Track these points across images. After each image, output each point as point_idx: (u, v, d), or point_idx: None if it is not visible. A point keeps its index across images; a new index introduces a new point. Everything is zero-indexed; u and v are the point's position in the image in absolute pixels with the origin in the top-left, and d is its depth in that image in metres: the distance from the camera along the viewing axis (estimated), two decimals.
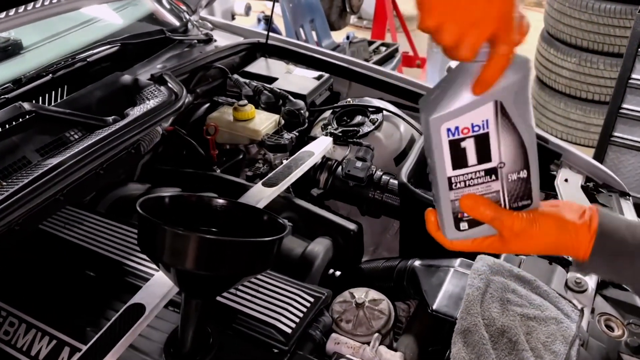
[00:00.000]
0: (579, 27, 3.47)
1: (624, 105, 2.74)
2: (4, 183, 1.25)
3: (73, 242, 1.27)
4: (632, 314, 1.19)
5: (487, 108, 0.64)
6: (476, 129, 0.65)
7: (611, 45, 3.41)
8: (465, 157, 0.67)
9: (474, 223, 0.71)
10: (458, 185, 0.69)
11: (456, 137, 0.66)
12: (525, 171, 0.69)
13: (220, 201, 1.01)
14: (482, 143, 0.66)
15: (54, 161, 1.27)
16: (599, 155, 2.88)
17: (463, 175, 0.68)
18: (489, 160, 0.67)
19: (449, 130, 0.65)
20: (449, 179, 0.69)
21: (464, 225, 0.72)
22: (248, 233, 0.98)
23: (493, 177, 0.68)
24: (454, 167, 0.68)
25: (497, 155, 0.67)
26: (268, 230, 0.97)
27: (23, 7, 1.40)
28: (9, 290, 1.17)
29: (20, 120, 1.38)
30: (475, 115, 0.65)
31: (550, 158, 1.65)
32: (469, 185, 0.69)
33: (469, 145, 0.67)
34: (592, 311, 1.20)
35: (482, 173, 0.68)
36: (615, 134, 2.84)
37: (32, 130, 1.39)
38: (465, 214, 0.70)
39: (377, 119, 1.64)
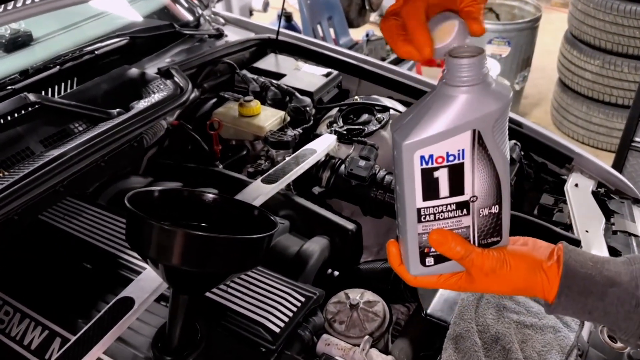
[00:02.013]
0: (603, 28, 3.38)
1: None
2: (6, 173, 1.26)
3: (72, 233, 1.28)
4: None
5: (465, 137, 0.60)
6: (451, 158, 0.61)
7: (636, 48, 3.32)
8: (437, 188, 0.63)
9: (441, 259, 0.66)
10: (427, 218, 0.64)
11: (429, 165, 0.61)
12: (497, 206, 0.65)
13: (211, 196, 1.00)
14: (456, 174, 0.62)
15: (56, 152, 1.27)
16: (619, 161, 2.81)
17: (433, 207, 0.64)
18: (461, 193, 0.64)
19: (422, 158, 0.61)
20: (418, 210, 0.64)
21: (429, 260, 0.67)
22: (239, 229, 0.96)
23: (464, 211, 0.64)
24: (425, 199, 0.63)
25: (471, 188, 0.63)
26: (260, 227, 0.96)
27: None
28: (6, 279, 1.18)
29: (25, 111, 1.39)
30: (451, 144, 0.61)
31: (561, 162, 1.61)
32: (439, 219, 0.64)
33: (442, 176, 0.62)
34: None
35: (454, 206, 0.64)
36: (637, 139, 2.76)
37: (36, 122, 1.41)
38: (432, 249, 0.66)
39: (384, 118, 1.62)
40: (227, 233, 0.89)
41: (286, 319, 1.02)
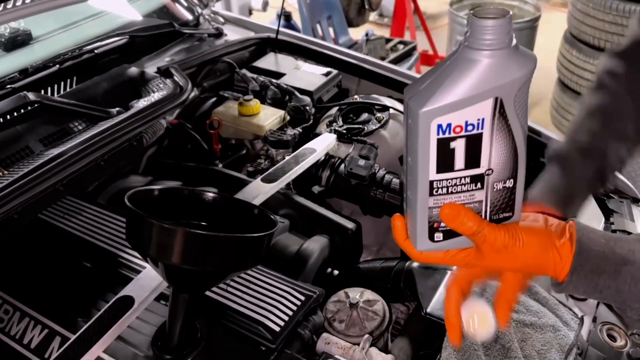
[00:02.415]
0: (602, 28, 3.38)
1: None
2: (6, 172, 1.26)
3: (71, 232, 1.27)
4: None
5: (486, 105, 0.57)
6: (470, 128, 0.57)
7: None
8: (452, 160, 0.59)
9: (449, 234, 0.64)
10: (440, 191, 0.61)
11: (447, 135, 0.57)
12: (512, 180, 0.62)
13: (211, 195, 1.00)
14: (474, 145, 0.58)
15: (55, 151, 1.28)
16: None
17: (447, 180, 0.60)
18: (477, 165, 0.60)
19: (439, 127, 0.57)
20: (431, 183, 0.60)
21: (438, 235, 0.64)
22: (239, 228, 0.96)
23: (478, 185, 0.61)
24: (438, 170, 0.60)
25: (487, 160, 0.60)
26: (259, 226, 0.96)
27: None
28: (6, 278, 1.18)
29: (25, 110, 1.39)
30: (471, 112, 0.57)
31: None
32: (452, 192, 0.61)
33: (459, 147, 0.58)
34: (594, 320, 1.16)
35: (468, 180, 0.61)
36: None
37: (36, 120, 1.41)
38: (442, 224, 0.63)
39: (383, 117, 1.62)
40: (227, 232, 0.89)
41: (286, 318, 1.02)
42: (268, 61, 1.91)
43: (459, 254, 0.65)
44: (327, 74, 1.82)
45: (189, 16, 2.04)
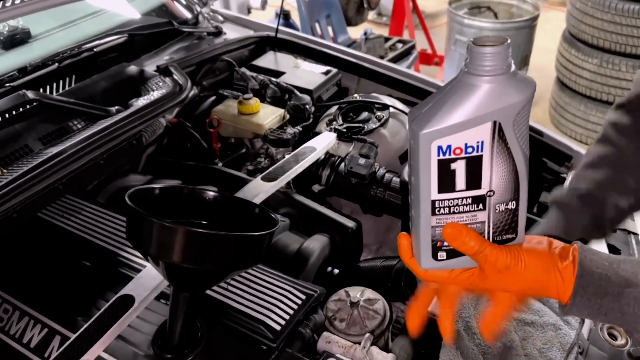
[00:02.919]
0: (601, 27, 3.39)
1: None
2: (5, 170, 1.25)
3: (71, 231, 1.27)
4: None
5: (485, 128, 0.58)
6: (469, 150, 0.59)
7: (634, 47, 3.33)
8: (453, 181, 0.61)
9: (453, 253, 0.65)
10: (441, 210, 0.62)
11: (447, 157, 0.59)
12: (514, 202, 0.63)
13: (212, 194, 1.00)
14: (474, 167, 0.60)
15: (54, 150, 1.27)
16: None
17: (449, 200, 0.62)
18: (478, 187, 0.62)
19: (440, 148, 0.59)
20: (433, 202, 0.62)
21: (442, 255, 0.65)
22: (240, 227, 0.96)
23: (480, 206, 0.63)
24: (440, 191, 0.61)
25: (488, 182, 0.61)
26: (260, 224, 0.96)
27: None
28: (5, 277, 1.18)
29: (24, 108, 1.39)
30: (470, 135, 0.59)
31: (560, 160, 1.61)
32: (454, 212, 0.63)
33: (460, 168, 0.60)
34: None
35: (469, 200, 0.62)
36: None
37: (35, 119, 1.40)
38: (446, 243, 0.64)
39: (383, 116, 1.62)
40: (227, 231, 0.88)
41: (287, 317, 1.02)
42: (267, 60, 1.91)
43: (463, 274, 0.65)
44: (326, 73, 1.81)
45: (187, 15, 2.04)
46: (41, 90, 1.52)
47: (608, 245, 1.31)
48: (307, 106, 1.65)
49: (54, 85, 1.58)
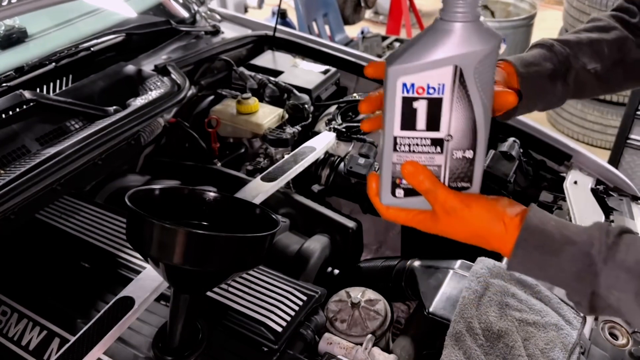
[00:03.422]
0: None
1: None
2: (2, 171, 1.24)
3: (69, 232, 1.26)
4: None
5: (446, 71, 0.62)
6: (431, 91, 0.63)
7: None
8: (414, 119, 0.64)
9: (409, 192, 0.68)
10: (402, 148, 0.66)
11: (410, 94, 0.63)
12: (471, 152, 0.66)
13: (212, 194, 0.99)
14: (434, 108, 0.63)
15: (52, 150, 1.26)
16: (615, 158, 2.82)
17: (409, 138, 0.65)
18: (437, 129, 0.64)
19: (404, 85, 0.63)
20: (395, 138, 0.65)
21: (399, 192, 0.69)
22: (240, 228, 0.96)
23: (438, 149, 0.66)
24: (402, 127, 0.65)
25: (447, 126, 0.64)
26: (261, 225, 0.95)
27: None
28: (3, 279, 1.17)
29: (21, 108, 1.37)
30: (432, 76, 0.62)
31: (560, 159, 1.61)
32: (413, 152, 0.66)
33: (421, 107, 0.63)
34: (596, 318, 1.16)
35: (428, 142, 0.65)
36: (632, 136, 2.77)
37: (32, 119, 1.39)
38: (404, 182, 0.68)
39: None
40: (228, 232, 0.88)
41: (288, 318, 1.01)
42: (266, 59, 1.90)
43: (418, 215, 0.69)
44: (325, 72, 1.81)
45: (185, 14, 2.03)
46: (38, 90, 1.50)
47: None
48: (306, 106, 1.64)
49: (51, 85, 1.57)
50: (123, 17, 1.87)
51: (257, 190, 1.24)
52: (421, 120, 0.63)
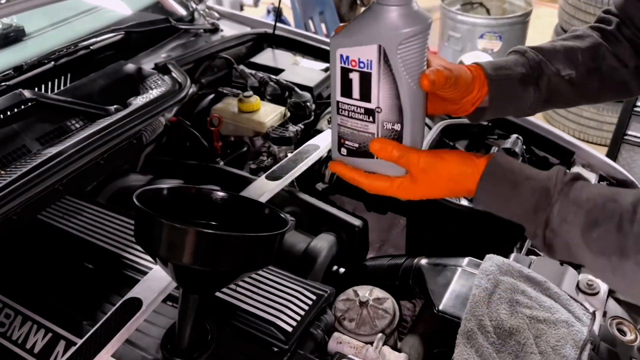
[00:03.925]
0: None
1: (639, 104, 2.67)
2: (3, 172, 1.22)
3: (72, 233, 1.24)
4: None
5: (372, 49, 0.69)
6: (361, 65, 0.70)
7: None
8: (351, 89, 0.72)
9: (352, 152, 0.77)
10: (343, 112, 0.74)
11: (346, 65, 0.71)
12: (399, 125, 0.72)
13: (220, 194, 0.98)
14: (365, 81, 0.70)
15: (54, 150, 1.24)
16: (612, 154, 2.83)
17: (347, 104, 0.73)
18: (369, 100, 0.71)
19: (341, 56, 0.71)
20: (337, 103, 0.74)
21: (344, 150, 0.78)
22: (249, 227, 0.94)
23: (370, 118, 0.73)
24: (342, 94, 0.73)
25: (376, 98, 0.71)
26: (270, 225, 0.94)
27: None
28: (6, 281, 1.15)
29: (21, 107, 1.36)
30: (362, 52, 0.69)
31: (563, 156, 1.61)
32: (351, 117, 0.74)
33: (355, 79, 0.71)
34: (604, 314, 1.16)
35: (362, 110, 0.73)
36: (629, 132, 2.78)
37: (32, 119, 1.37)
38: (347, 142, 0.76)
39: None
40: (237, 231, 0.87)
41: (298, 318, 1.00)
42: (266, 57, 1.89)
43: (397, 180, 0.75)
44: (326, 70, 1.80)
45: (182, 12, 2.01)
46: (37, 89, 1.48)
47: None
48: (308, 104, 1.63)
49: (49, 84, 1.55)
50: (121, 16, 1.85)
51: (263, 189, 1.23)
52: (356, 90, 0.72)
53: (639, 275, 0.61)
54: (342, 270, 1.31)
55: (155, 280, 1.02)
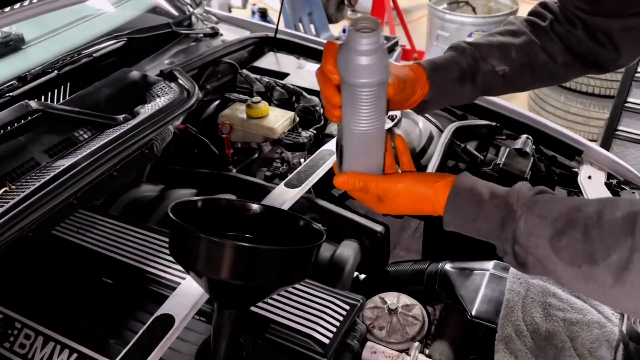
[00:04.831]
0: None
1: (630, 99, 2.72)
2: (13, 186, 1.18)
3: (87, 247, 1.21)
4: None
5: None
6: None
7: None
8: None
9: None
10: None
11: None
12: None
13: (255, 206, 0.96)
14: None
15: (66, 163, 1.20)
16: (604, 149, 2.87)
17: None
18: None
19: None
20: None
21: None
22: (283, 239, 0.93)
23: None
24: None
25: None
26: (304, 236, 0.92)
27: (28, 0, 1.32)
28: (23, 300, 1.11)
29: (26, 119, 1.31)
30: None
31: (571, 154, 1.62)
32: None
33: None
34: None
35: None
36: (620, 127, 2.82)
37: (39, 130, 1.33)
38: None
39: (396, 116, 1.59)
40: (272, 244, 0.85)
41: (334, 329, 0.99)
42: (269, 61, 1.86)
43: (368, 199, 0.81)
44: None
45: (179, 16, 1.97)
46: (42, 99, 1.44)
47: None
48: (317, 108, 1.61)
49: (53, 93, 1.51)
50: (120, 22, 1.81)
51: (283, 197, 1.21)
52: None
53: (609, 281, 0.60)
54: (362, 276, 1.29)
55: (186, 295, 0.99)
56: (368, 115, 0.73)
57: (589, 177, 1.54)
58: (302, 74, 1.78)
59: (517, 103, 4.20)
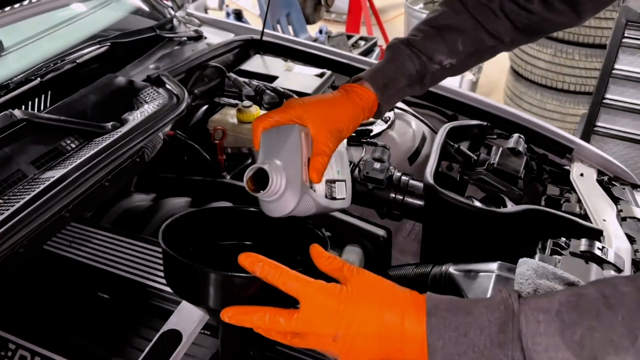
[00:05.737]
0: None
1: (607, 96, 2.77)
2: (1, 200, 1.13)
3: (81, 261, 1.17)
4: None
5: None
6: None
7: (586, 36, 3.46)
8: None
9: None
10: None
11: None
12: None
13: (254, 212, 0.93)
14: None
15: (56, 174, 1.15)
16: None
17: None
18: None
19: None
20: None
21: None
22: (285, 246, 0.90)
23: None
24: None
25: None
26: (306, 243, 0.89)
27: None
28: (17, 319, 1.07)
29: (11, 129, 1.25)
30: None
31: (562, 152, 1.64)
32: None
33: None
34: None
35: None
36: (598, 123, 2.88)
37: (24, 141, 1.26)
38: None
39: (389, 117, 1.58)
40: (274, 251, 0.82)
41: None
42: (256, 64, 1.83)
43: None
44: (321, 75, 1.76)
45: (160, 19, 1.92)
46: (24, 107, 1.38)
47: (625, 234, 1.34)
48: None
49: (34, 101, 1.45)
50: (101, 26, 1.75)
51: None
52: None
53: None
54: None
55: (192, 309, 0.96)
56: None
57: (581, 175, 1.55)
58: (291, 76, 1.75)
59: (492, 100, 4.26)
